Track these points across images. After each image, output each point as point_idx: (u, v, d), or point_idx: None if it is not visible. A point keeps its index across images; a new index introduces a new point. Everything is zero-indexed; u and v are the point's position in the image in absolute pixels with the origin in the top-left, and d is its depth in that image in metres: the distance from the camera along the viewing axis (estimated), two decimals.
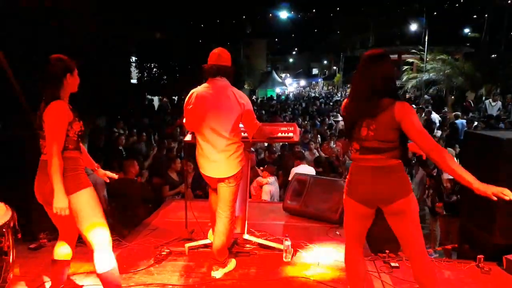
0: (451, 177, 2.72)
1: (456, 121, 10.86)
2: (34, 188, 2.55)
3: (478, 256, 3.36)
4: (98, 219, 2.54)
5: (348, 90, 34.39)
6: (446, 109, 15.32)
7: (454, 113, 12.34)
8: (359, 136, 2.35)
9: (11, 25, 7.53)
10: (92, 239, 2.53)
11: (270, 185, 5.76)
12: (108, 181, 3.06)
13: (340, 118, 13.23)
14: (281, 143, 7.79)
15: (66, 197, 2.38)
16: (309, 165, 6.33)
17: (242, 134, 3.32)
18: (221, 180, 3.20)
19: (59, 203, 2.35)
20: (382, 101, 2.25)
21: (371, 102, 2.26)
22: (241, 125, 3.23)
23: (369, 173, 2.33)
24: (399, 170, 2.32)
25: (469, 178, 2.12)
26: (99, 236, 2.54)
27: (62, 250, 2.72)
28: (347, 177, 2.49)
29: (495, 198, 2.08)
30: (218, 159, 3.14)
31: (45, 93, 2.47)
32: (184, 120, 3.40)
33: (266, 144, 7.62)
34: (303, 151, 7.52)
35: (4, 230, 2.38)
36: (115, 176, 3.04)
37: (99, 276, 2.57)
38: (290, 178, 5.84)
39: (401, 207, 2.31)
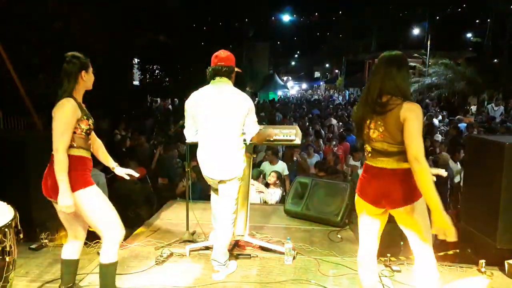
0: None
1: (459, 125, 10.82)
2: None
3: (480, 260, 3.35)
4: (105, 213, 2.58)
5: (349, 94, 34.53)
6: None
7: (457, 117, 12.23)
8: (369, 137, 2.37)
9: (16, 27, 7.59)
10: (101, 232, 2.59)
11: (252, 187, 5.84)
12: (128, 178, 3.05)
13: (333, 121, 13.17)
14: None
15: (71, 195, 2.40)
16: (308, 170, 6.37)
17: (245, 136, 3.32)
18: (223, 181, 3.20)
19: (63, 200, 2.38)
20: (390, 100, 2.27)
21: (379, 101, 2.29)
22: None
23: (379, 175, 2.35)
24: (408, 175, 2.28)
25: (433, 204, 2.11)
26: (108, 229, 2.59)
27: (70, 249, 2.75)
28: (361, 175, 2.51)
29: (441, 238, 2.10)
30: (220, 160, 3.15)
31: (60, 90, 2.50)
32: (184, 129, 3.39)
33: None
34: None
35: (6, 230, 2.38)
36: (135, 174, 3.04)
37: (100, 266, 2.65)
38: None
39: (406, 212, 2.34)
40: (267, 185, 5.87)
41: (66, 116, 2.44)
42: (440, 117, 13.62)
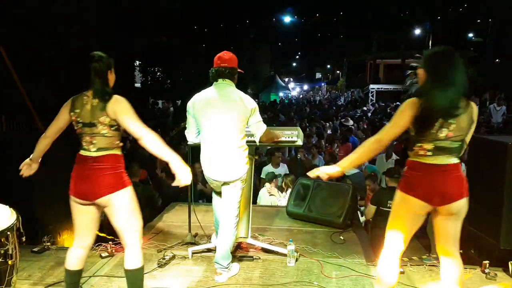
0: None
1: None
2: (72, 186, 2.50)
3: (484, 261, 3.33)
4: (140, 217, 2.62)
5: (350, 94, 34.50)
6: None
7: None
8: (435, 136, 2.32)
9: (17, 30, 7.61)
10: (132, 235, 2.57)
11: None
12: None
13: (350, 122, 12.97)
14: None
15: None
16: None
17: (247, 138, 3.32)
18: (226, 183, 3.20)
19: (185, 169, 2.41)
20: (463, 102, 2.29)
21: (456, 101, 2.28)
22: (247, 128, 3.24)
23: (433, 171, 2.34)
24: (460, 169, 2.37)
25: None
26: (138, 233, 2.60)
27: (75, 258, 2.64)
28: (406, 173, 2.45)
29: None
30: (223, 162, 3.15)
31: (93, 89, 2.48)
32: (186, 131, 3.39)
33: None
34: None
35: (8, 233, 2.38)
36: None
37: (128, 272, 2.60)
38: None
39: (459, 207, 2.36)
40: (281, 189, 5.84)
41: (130, 106, 2.51)
42: None
